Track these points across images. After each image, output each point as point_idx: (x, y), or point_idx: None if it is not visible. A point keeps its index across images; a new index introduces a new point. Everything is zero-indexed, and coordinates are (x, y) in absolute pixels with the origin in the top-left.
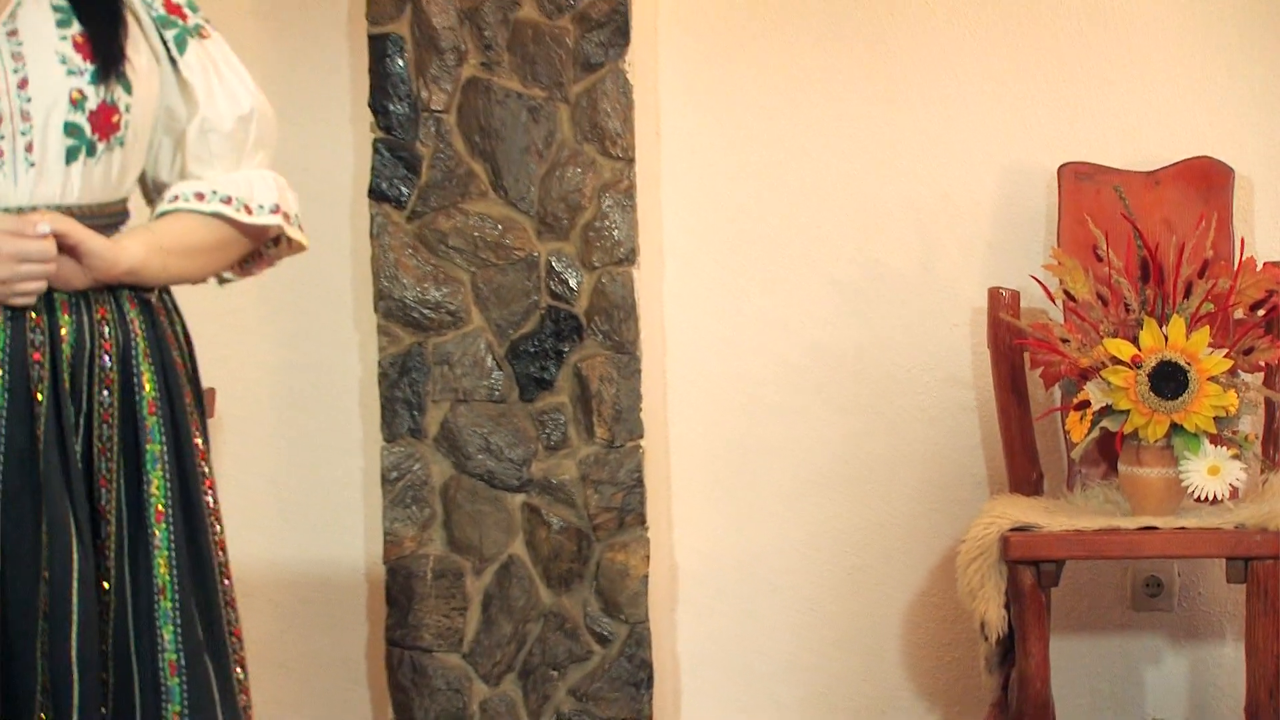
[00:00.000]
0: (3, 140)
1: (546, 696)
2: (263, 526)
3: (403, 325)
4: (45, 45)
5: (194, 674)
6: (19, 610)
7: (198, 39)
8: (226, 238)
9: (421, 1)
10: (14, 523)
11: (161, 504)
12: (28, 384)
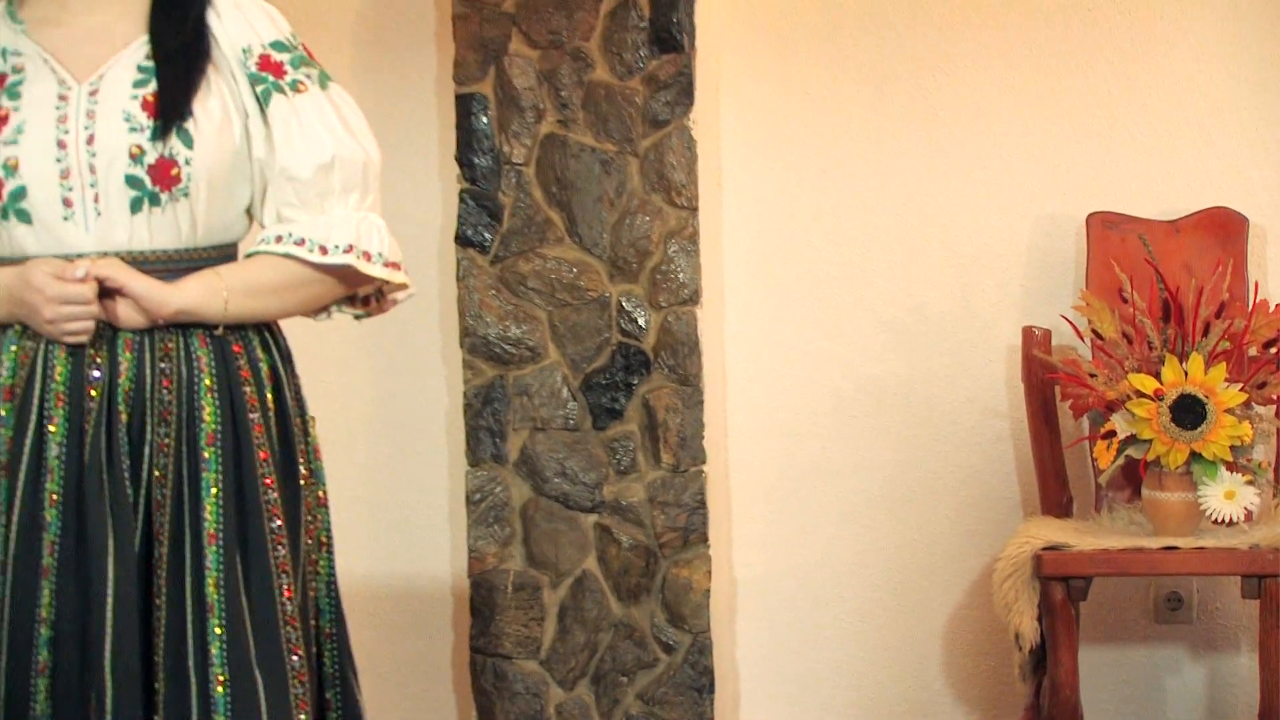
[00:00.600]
0: (73, 192)
1: (616, 700)
2: (358, 544)
3: (486, 360)
4: (115, 104)
5: (239, 689)
6: (67, 626)
7: (288, 93)
8: (303, 277)
9: (504, 64)
10: (69, 542)
11: (214, 529)
12: (83, 416)
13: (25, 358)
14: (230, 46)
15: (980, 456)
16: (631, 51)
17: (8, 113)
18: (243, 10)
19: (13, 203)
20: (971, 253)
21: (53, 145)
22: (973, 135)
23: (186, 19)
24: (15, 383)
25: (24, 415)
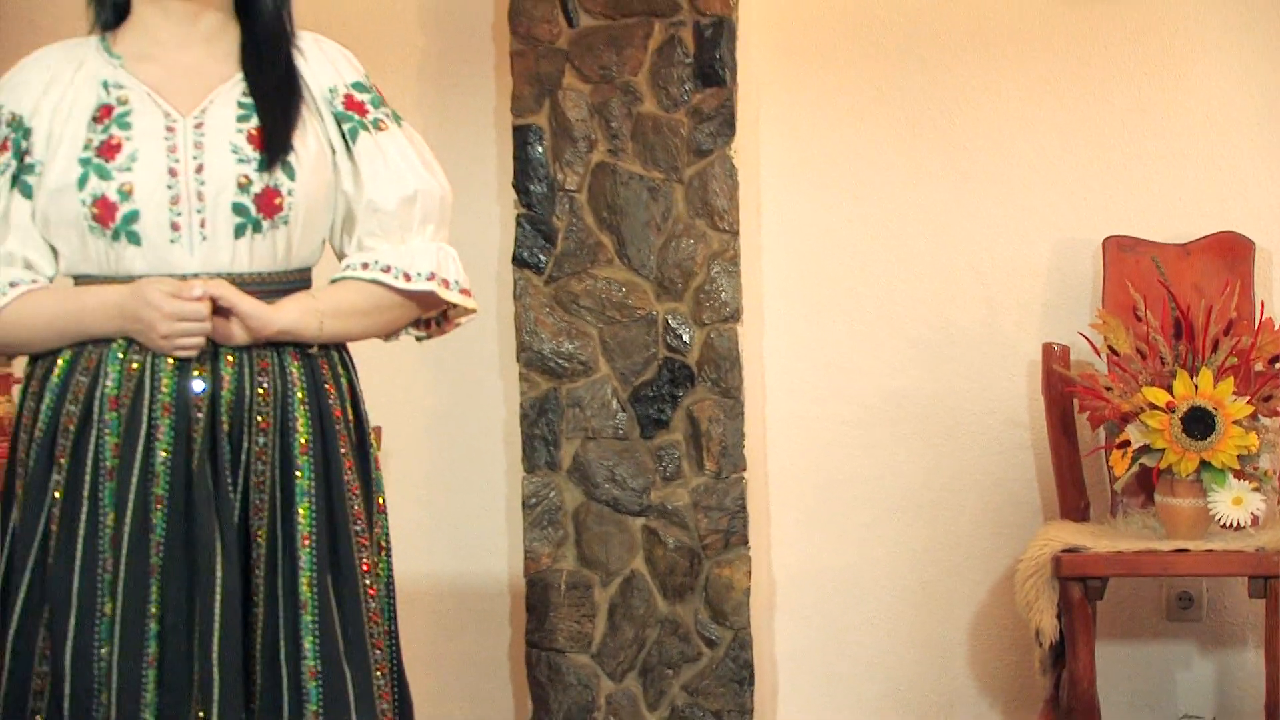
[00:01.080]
0: (181, 217)
1: (663, 692)
2: (421, 546)
3: (541, 373)
4: (222, 136)
5: (330, 680)
6: (173, 617)
7: (372, 131)
8: (388, 302)
9: (558, 97)
10: (174, 542)
11: (307, 531)
12: (189, 426)
13: (132, 370)
14: (317, 86)
15: (1003, 464)
16: (677, 85)
17: (120, 141)
18: (325, 52)
19: (125, 225)
20: (995, 273)
21: (164, 173)
22: (996, 164)
23: (278, 61)
24: (122, 393)
25: (133, 424)
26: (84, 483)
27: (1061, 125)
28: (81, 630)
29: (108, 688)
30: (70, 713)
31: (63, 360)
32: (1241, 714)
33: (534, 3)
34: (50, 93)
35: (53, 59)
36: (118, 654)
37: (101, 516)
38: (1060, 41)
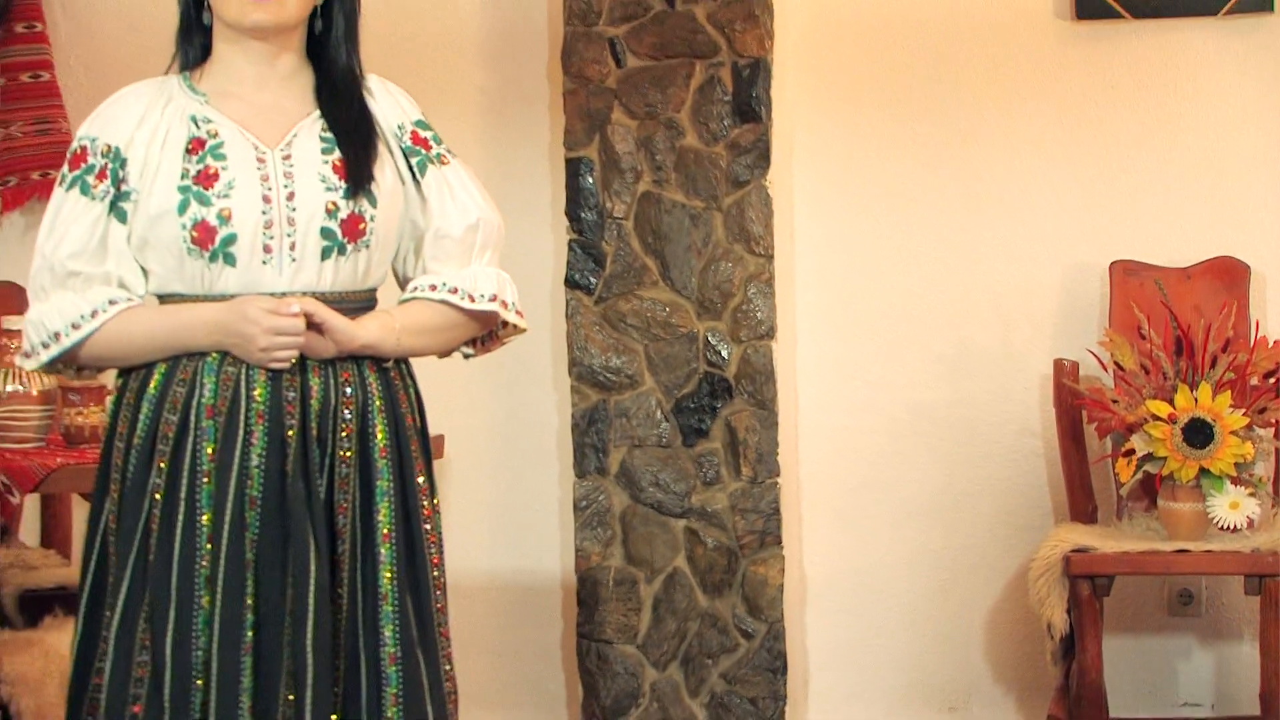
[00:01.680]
0: (273, 240)
1: (703, 680)
2: (481, 544)
3: (590, 386)
4: (310, 167)
5: (407, 664)
6: (269, 608)
7: (437, 165)
8: (454, 320)
9: (607, 132)
10: (267, 538)
11: (387, 528)
12: (282, 430)
13: (228, 380)
14: (386, 123)
15: (1016, 471)
16: (717, 121)
17: (217, 171)
18: (390, 93)
19: (222, 247)
20: (1009, 294)
21: (259, 200)
22: (1011, 195)
23: (353, 100)
24: (219, 402)
25: (230, 430)
26: (182, 485)
27: (1071, 158)
28: (180, 621)
29: (206, 674)
30: (170, 697)
31: (159, 373)
32: (1238, 703)
33: (585, 44)
34: (143, 126)
35: (142, 95)
36: (217, 643)
37: (198, 516)
38: (1069, 81)
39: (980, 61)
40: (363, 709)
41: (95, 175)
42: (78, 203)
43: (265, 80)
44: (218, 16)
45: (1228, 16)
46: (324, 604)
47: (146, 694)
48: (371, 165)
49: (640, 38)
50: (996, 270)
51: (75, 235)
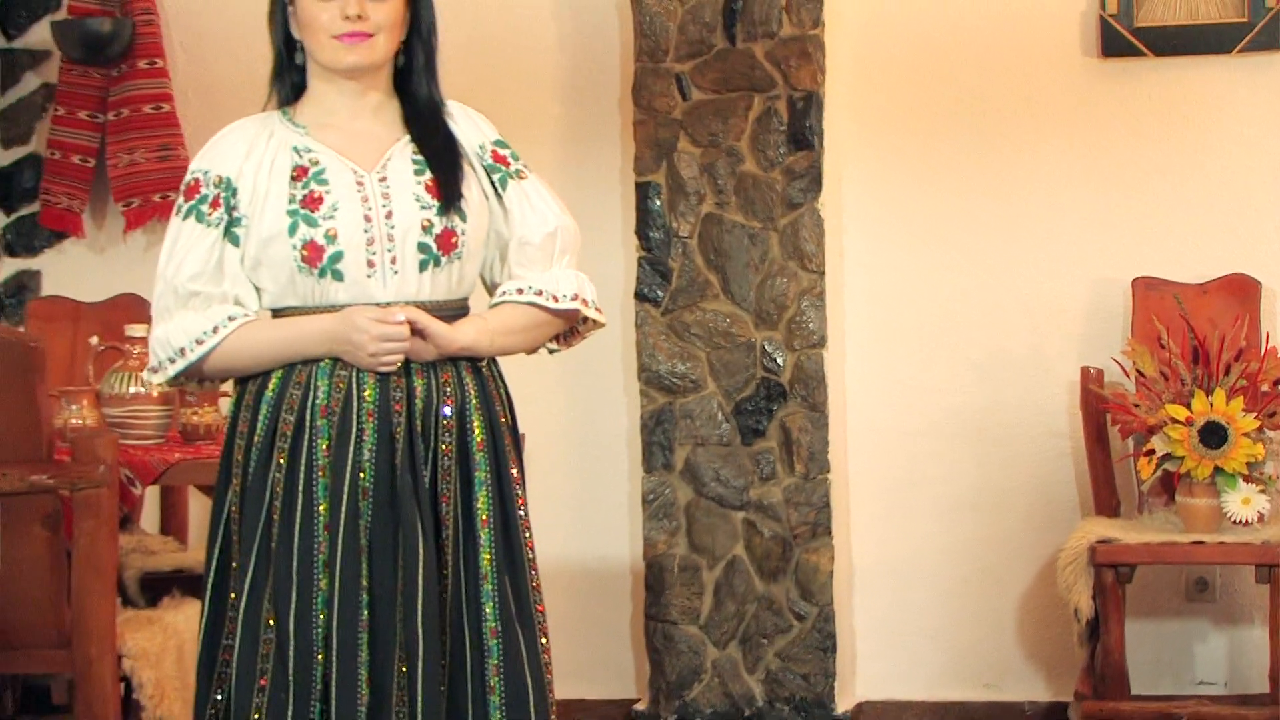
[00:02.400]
0: (375, 255)
1: (759, 658)
2: (558, 533)
3: (658, 390)
4: (406, 187)
5: (507, 638)
6: (382, 589)
7: (516, 179)
8: (540, 320)
9: (673, 159)
10: (379, 526)
11: (486, 515)
12: (390, 427)
13: (340, 384)
14: (469, 144)
15: (1046, 469)
16: (773, 149)
17: (321, 195)
18: (469, 116)
19: (330, 264)
20: (1040, 308)
21: (360, 219)
22: (1041, 216)
23: (438, 126)
24: (332, 403)
25: (343, 428)
26: (300, 478)
27: (1096, 183)
28: (301, 602)
29: (326, 649)
30: (294, 671)
31: (276, 377)
32: (1249, 681)
33: (654, 79)
34: (250, 158)
35: (246, 130)
36: (336, 621)
37: (316, 506)
38: (1095, 113)
39: (1013, 95)
40: (468, 680)
41: (209, 204)
42: (194, 230)
43: (358, 111)
44: (312, 58)
45: (1241, 54)
46: (432, 584)
47: (272, 668)
48: (460, 184)
49: (704, 73)
50: (1028, 285)
51: (194, 259)
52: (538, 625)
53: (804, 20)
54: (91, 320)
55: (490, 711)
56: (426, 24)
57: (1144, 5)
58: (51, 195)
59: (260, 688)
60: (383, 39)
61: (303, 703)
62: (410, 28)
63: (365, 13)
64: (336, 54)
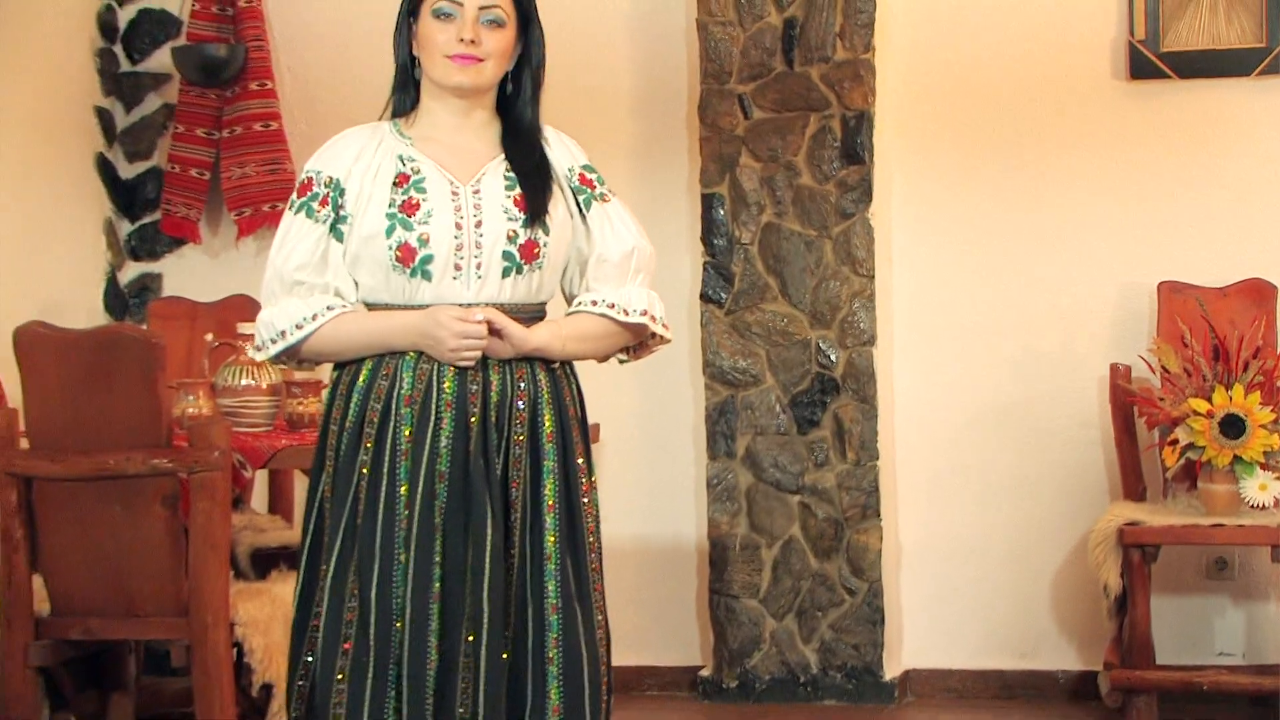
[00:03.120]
0: (462, 259)
1: (814, 629)
2: (630, 514)
3: (721, 384)
4: (495, 201)
5: (567, 614)
6: (452, 564)
7: (600, 201)
8: (610, 330)
9: (736, 172)
10: (453, 507)
11: (552, 500)
12: (466, 417)
13: (422, 376)
14: (559, 166)
15: (1077, 457)
16: (827, 164)
17: (418, 201)
18: (563, 142)
19: (421, 266)
20: (1072, 309)
21: (451, 226)
22: (1073, 225)
23: (534, 148)
24: (414, 393)
25: (424, 416)
26: (384, 461)
27: (1125, 194)
28: (383, 574)
29: (402, 617)
30: (375, 637)
31: (366, 368)
32: (1265, 653)
33: (718, 100)
34: (359, 162)
35: (358, 137)
36: (410, 592)
37: (397, 487)
38: (1124, 130)
39: (1048, 113)
40: (529, 650)
41: (319, 202)
42: (304, 224)
43: (462, 128)
44: (427, 75)
45: (1259, 77)
46: (498, 562)
47: (355, 633)
48: (547, 201)
49: (764, 94)
50: (1061, 288)
51: (301, 251)
52: (595, 604)
53: (856, 46)
54: (207, 319)
55: (549, 681)
56: (536, 58)
57: (1169, 31)
58: (171, 205)
59: (344, 651)
60: (491, 65)
61: (381, 666)
62: (521, 58)
63: (479, 38)
64: (448, 72)
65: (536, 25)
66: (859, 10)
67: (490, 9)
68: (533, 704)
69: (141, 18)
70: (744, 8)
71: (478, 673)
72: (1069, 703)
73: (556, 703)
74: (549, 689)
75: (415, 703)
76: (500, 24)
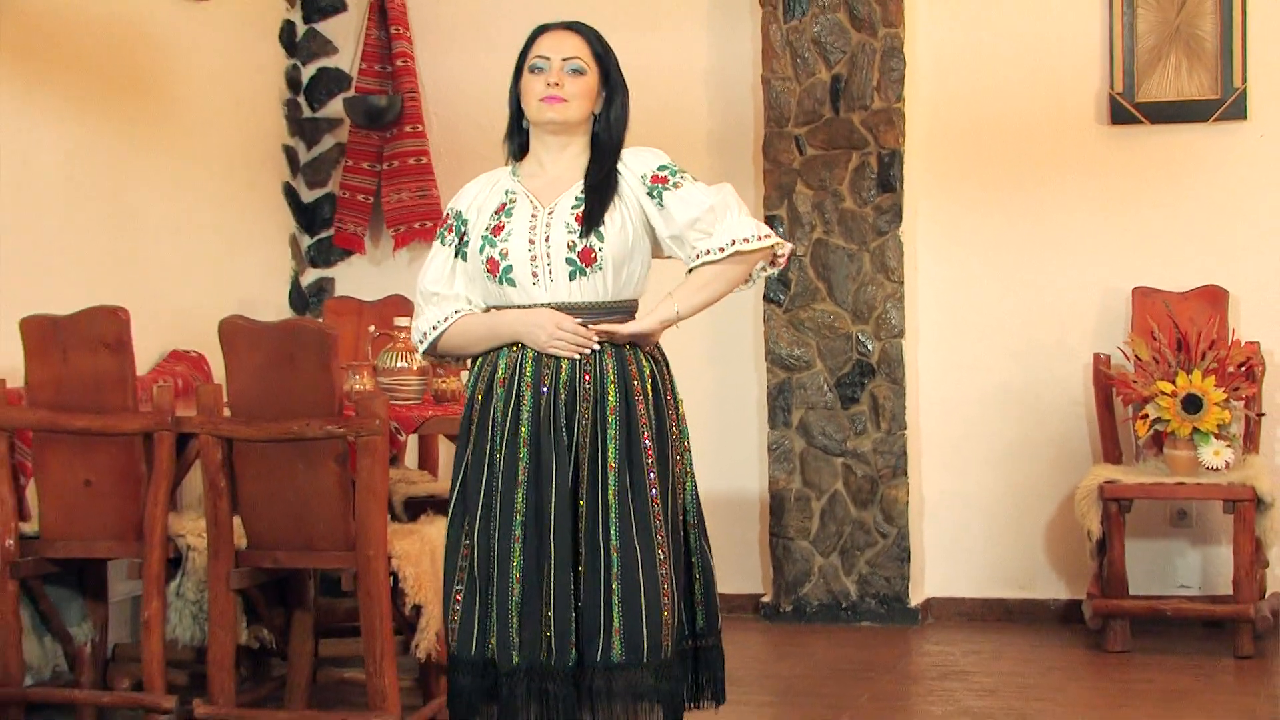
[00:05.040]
0: (537, 268)
1: (853, 565)
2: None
3: (780, 368)
4: (562, 218)
5: (625, 553)
6: (530, 513)
7: (673, 189)
8: (716, 271)
9: (793, 198)
10: (531, 466)
11: (613, 461)
12: (539, 394)
13: (511, 361)
14: (633, 175)
15: (1067, 428)
16: (866, 191)
17: (504, 225)
18: (638, 155)
19: (505, 274)
20: (1063, 308)
21: (526, 243)
22: (1064, 241)
23: (601, 169)
24: (505, 375)
25: (510, 393)
26: (486, 431)
27: (1106, 216)
28: (481, 521)
29: (494, 559)
30: (477, 568)
31: (481, 359)
32: (1216, 586)
33: (778, 140)
34: (477, 199)
35: (480, 182)
36: (498, 534)
37: (494, 452)
38: (1107, 164)
39: (1045, 151)
40: (599, 583)
41: (449, 231)
42: (439, 250)
43: (558, 159)
44: (528, 117)
45: (1214, 123)
46: (564, 511)
47: (468, 566)
48: (601, 214)
49: (815, 135)
50: (1055, 292)
51: (435, 269)
52: (656, 546)
53: (890, 97)
54: (370, 314)
55: (612, 607)
56: (618, 104)
57: (1142, 85)
58: (342, 223)
59: (459, 579)
60: (574, 104)
61: (484, 592)
62: (604, 103)
63: (563, 83)
64: (540, 111)
65: (616, 74)
66: (891, 69)
67: (572, 60)
68: (603, 626)
69: (320, 74)
70: (799, 66)
71: (550, 597)
72: (1059, 625)
73: (618, 624)
74: (612, 613)
75: (503, 620)
76: (581, 72)
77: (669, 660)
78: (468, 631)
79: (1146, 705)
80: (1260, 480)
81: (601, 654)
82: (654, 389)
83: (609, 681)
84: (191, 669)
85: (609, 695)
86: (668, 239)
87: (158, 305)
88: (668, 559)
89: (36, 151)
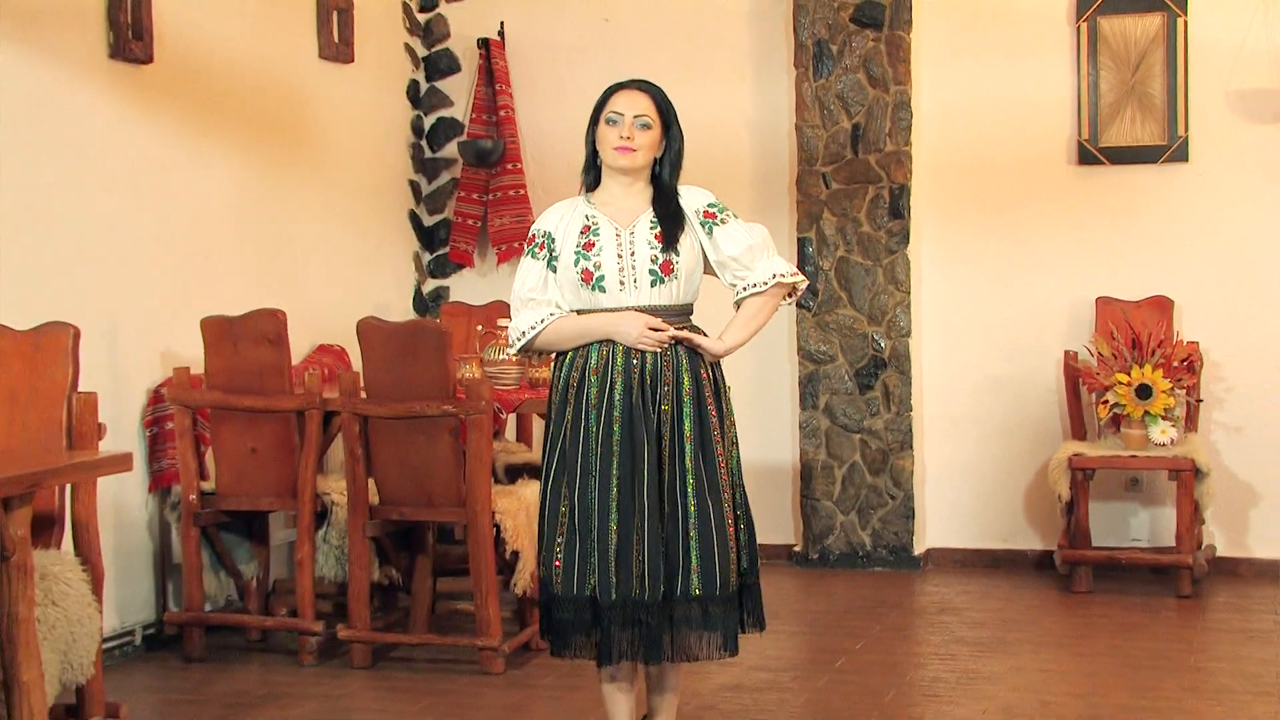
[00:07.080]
0: (624, 277)
1: (868, 521)
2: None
3: (810, 361)
4: (643, 237)
5: (700, 508)
6: (623, 476)
7: (721, 225)
8: (759, 302)
9: (820, 224)
10: (623, 439)
11: (689, 434)
12: (629, 381)
13: (603, 355)
14: (689, 209)
15: (1043, 412)
16: (880, 217)
17: (594, 242)
18: (691, 192)
19: (597, 282)
20: (1040, 314)
21: (615, 256)
22: (1041, 259)
23: (669, 202)
24: (598, 366)
25: (604, 380)
26: (582, 411)
27: (1075, 239)
28: (581, 484)
29: (593, 513)
30: (578, 525)
31: (570, 354)
32: (1161, 539)
33: (808, 176)
34: (563, 220)
35: (563, 206)
36: (596, 497)
37: (591, 429)
38: (1074, 199)
39: (1025, 186)
40: (679, 532)
41: (539, 247)
42: (531, 263)
43: (627, 194)
44: (602, 159)
45: (1163, 164)
46: (653, 475)
47: (567, 523)
48: (678, 235)
49: (839, 173)
50: (1032, 301)
51: (530, 279)
52: (724, 502)
53: (899, 141)
54: (477, 316)
55: (690, 550)
56: (675, 150)
57: (1104, 132)
58: (456, 243)
59: (560, 533)
60: (642, 153)
61: (584, 544)
62: (666, 148)
63: (633, 136)
64: (614, 158)
65: (676, 127)
66: (901, 118)
67: (641, 116)
68: (682, 565)
69: (439, 123)
70: (826, 116)
71: (642, 547)
72: (1035, 571)
73: (695, 564)
74: (690, 555)
75: (603, 563)
76: (649, 126)
77: (733, 593)
78: (569, 575)
79: (1105, 635)
80: (1199, 454)
81: (682, 588)
82: (715, 378)
83: (687, 610)
84: (335, 600)
85: (687, 621)
86: (714, 262)
87: (309, 308)
88: (731, 512)
89: (212, 188)
